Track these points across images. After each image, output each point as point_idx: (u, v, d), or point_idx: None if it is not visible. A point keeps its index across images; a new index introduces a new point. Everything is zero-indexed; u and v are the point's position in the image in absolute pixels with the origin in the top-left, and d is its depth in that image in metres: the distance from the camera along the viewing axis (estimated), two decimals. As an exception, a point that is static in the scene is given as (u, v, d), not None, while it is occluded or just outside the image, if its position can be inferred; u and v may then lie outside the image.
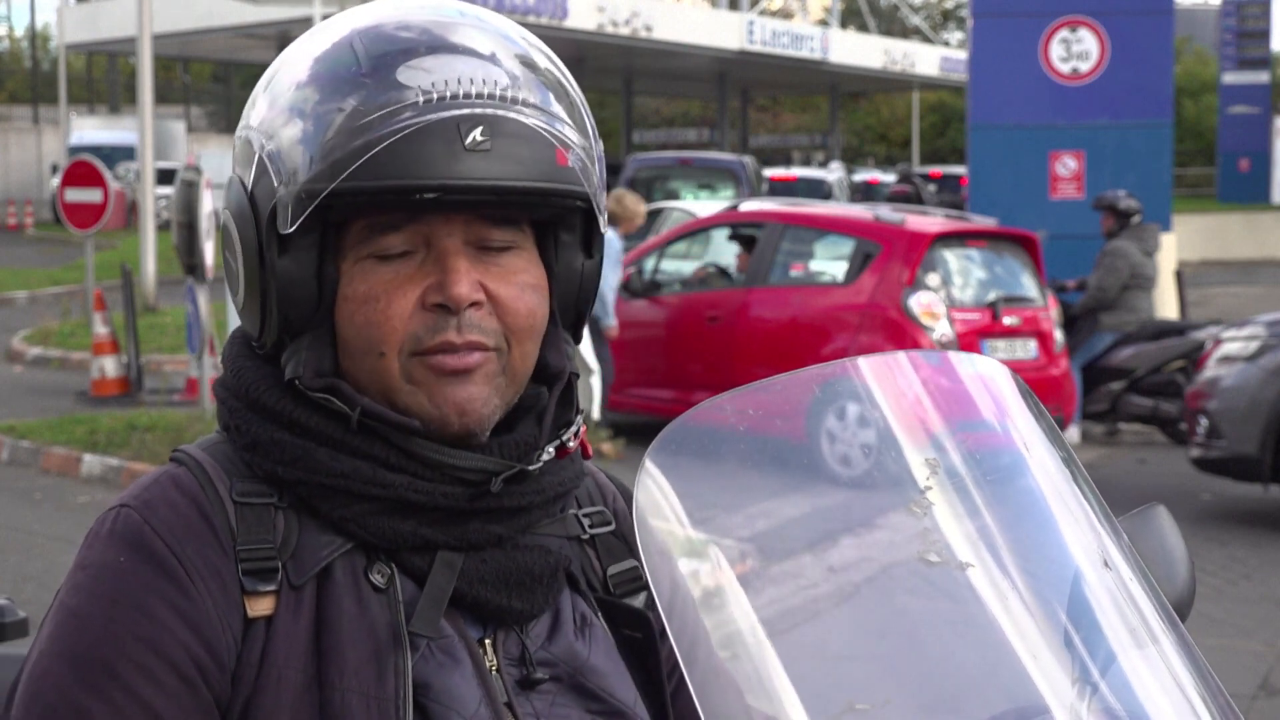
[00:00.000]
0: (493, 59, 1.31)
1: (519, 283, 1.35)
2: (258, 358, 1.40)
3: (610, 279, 10.63)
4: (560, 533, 1.44)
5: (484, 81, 1.29)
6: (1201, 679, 1.25)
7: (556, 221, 1.39)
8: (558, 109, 1.33)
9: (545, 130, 1.31)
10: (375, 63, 1.29)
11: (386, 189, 1.28)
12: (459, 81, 1.28)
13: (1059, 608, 1.24)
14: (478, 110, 1.28)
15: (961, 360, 1.37)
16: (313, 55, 1.34)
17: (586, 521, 1.48)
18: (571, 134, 1.33)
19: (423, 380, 1.34)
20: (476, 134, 1.27)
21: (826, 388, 1.31)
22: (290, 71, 1.34)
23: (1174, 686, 1.23)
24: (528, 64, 1.33)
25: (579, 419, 1.44)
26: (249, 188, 1.34)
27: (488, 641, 1.36)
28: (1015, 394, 1.35)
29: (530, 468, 1.38)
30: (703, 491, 1.24)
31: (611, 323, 10.62)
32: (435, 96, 1.27)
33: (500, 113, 1.28)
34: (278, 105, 1.33)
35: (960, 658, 1.23)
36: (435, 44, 1.31)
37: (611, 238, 10.65)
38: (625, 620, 1.44)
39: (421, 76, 1.28)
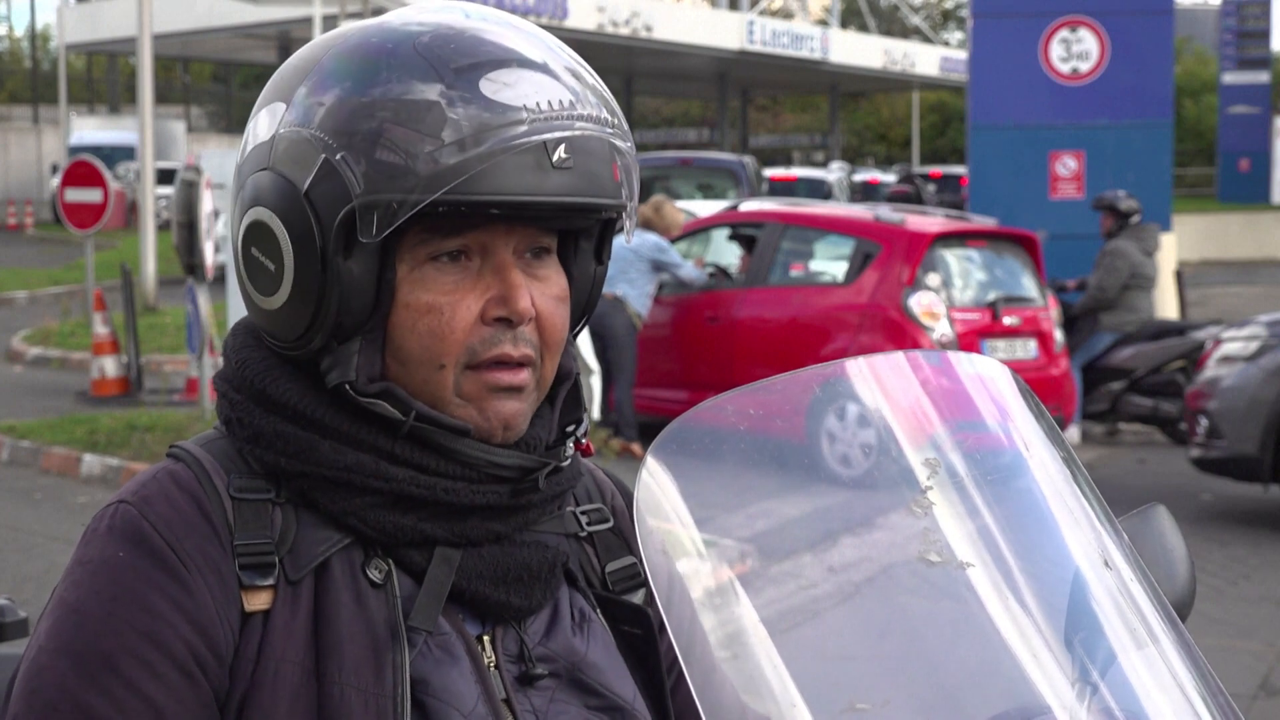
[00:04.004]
0: (554, 72, 1.33)
1: (553, 295, 1.38)
2: (264, 349, 1.40)
3: (644, 284, 10.60)
4: (558, 530, 1.45)
5: (563, 100, 1.31)
6: (1202, 679, 1.25)
7: (580, 230, 1.42)
8: (610, 119, 1.35)
9: (610, 146, 1.34)
10: (459, 74, 1.30)
11: (488, 204, 1.29)
12: (550, 102, 1.30)
13: (1059, 608, 1.24)
14: (565, 131, 1.30)
15: (962, 360, 1.37)
16: (378, 58, 1.32)
17: (584, 519, 1.49)
18: (624, 146, 1.36)
19: (474, 394, 1.36)
20: (561, 152, 1.30)
21: (826, 388, 1.32)
22: (354, 72, 1.32)
23: (1174, 686, 1.23)
24: (577, 75, 1.35)
25: (585, 417, 1.46)
26: (302, 188, 1.32)
27: (486, 638, 1.37)
28: (1015, 394, 1.35)
29: (562, 463, 1.41)
30: (703, 491, 1.25)
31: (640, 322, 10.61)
32: (540, 118, 1.29)
33: (578, 132, 1.31)
34: (347, 107, 1.31)
35: (961, 657, 1.23)
36: (512, 56, 1.32)
37: (649, 241, 10.61)
38: (624, 617, 1.45)
39: (508, 92, 1.29)
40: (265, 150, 1.36)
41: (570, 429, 1.45)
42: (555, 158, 1.30)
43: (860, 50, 48.97)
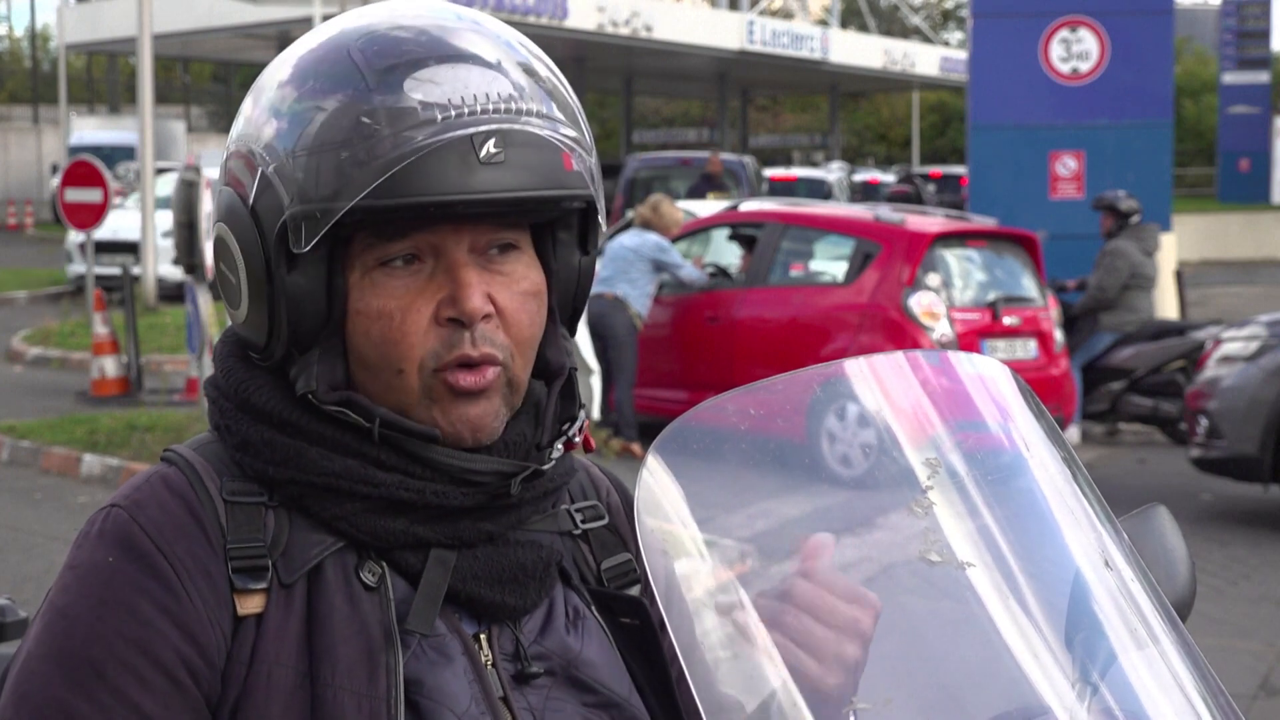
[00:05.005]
0: (498, 67, 1.31)
1: (520, 291, 1.36)
2: (248, 359, 1.40)
3: (644, 284, 10.58)
4: (552, 528, 1.44)
5: (493, 93, 1.29)
6: (1202, 679, 1.25)
7: (555, 221, 1.40)
8: (559, 115, 1.33)
9: (553, 137, 1.32)
10: (381, 76, 1.29)
11: (405, 207, 1.28)
12: (472, 96, 1.28)
13: (1060, 608, 1.24)
14: (491, 124, 1.28)
15: (962, 360, 1.37)
16: (309, 67, 1.32)
17: (579, 516, 1.48)
18: (575, 139, 1.34)
19: (439, 397, 1.34)
20: (490, 146, 1.28)
21: (827, 387, 1.31)
22: (285, 84, 1.33)
23: (1174, 687, 1.23)
24: (529, 71, 1.33)
25: (582, 413, 1.45)
26: (249, 202, 1.33)
27: (482, 637, 1.37)
28: (1016, 394, 1.35)
29: (544, 466, 1.39)
30: (704, 491, 1.24)
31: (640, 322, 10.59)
32: (453, 114, 1.27)
33: (511, 125, 1.29)
34: (277, 120, 1.32)
35: (961, 658, 1.23)
36: (440, 52, 1.30)
37: (650, 241, 10.60)
38: (622, 609, 1.44)
39: (431, 90, 1.28)
40: (225, 164, 1.38)
41: (565, 426, 1.43)
42: (483, 153, 1.27)
43: (860, 50, 48.95)
